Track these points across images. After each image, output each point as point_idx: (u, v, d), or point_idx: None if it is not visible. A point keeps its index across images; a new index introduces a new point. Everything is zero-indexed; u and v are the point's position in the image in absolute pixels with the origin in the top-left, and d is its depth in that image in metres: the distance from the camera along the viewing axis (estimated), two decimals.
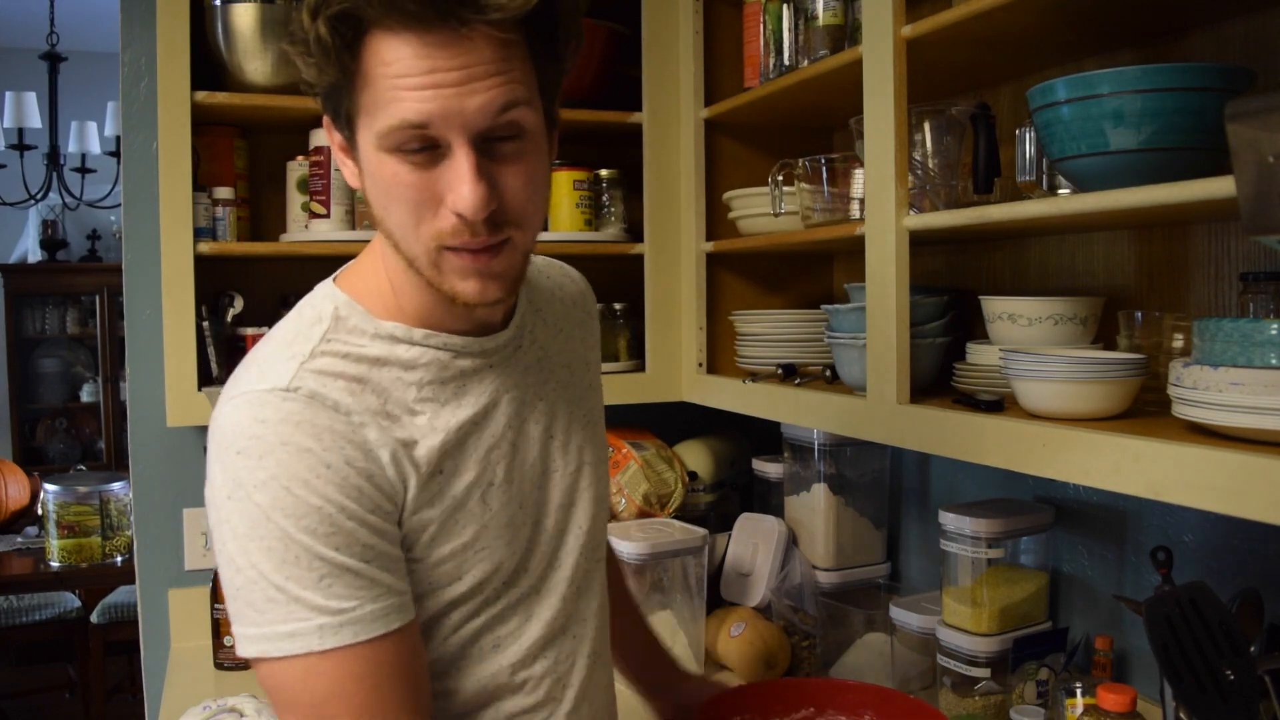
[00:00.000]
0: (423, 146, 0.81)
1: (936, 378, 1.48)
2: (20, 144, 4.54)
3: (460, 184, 0.81)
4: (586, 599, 1.06)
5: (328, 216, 1.84)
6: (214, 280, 1.87)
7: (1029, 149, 1.31)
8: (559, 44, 0.87)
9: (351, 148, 0.87)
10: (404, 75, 0.79)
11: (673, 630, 1.79)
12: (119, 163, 2.23)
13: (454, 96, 0.79)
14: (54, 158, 4.64)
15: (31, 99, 4.63)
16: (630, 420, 2.14)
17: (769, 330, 1.78)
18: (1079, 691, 1.29)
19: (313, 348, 0.89)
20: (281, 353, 0.89)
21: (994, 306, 1.38)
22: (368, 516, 0.85)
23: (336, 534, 0.83)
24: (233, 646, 1.60)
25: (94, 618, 3.78)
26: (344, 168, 0.90)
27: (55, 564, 3.58)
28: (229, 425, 0.85)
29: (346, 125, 0.86)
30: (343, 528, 0.83)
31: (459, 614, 0.95)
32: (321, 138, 1.83)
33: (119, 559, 3.63)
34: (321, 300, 0.93)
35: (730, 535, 1.99)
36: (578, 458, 1.04)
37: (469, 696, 0.97)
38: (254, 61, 1.77)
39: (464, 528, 0.93)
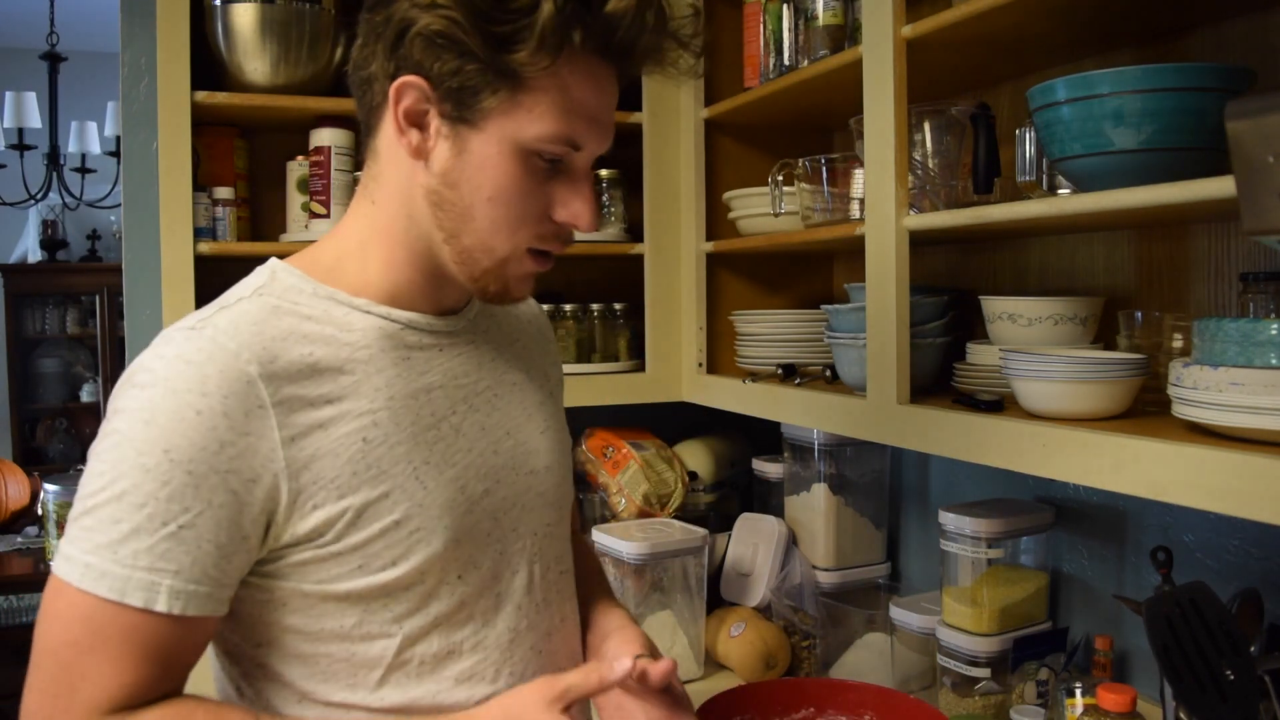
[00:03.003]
0: (557, 160, 0.88)
1: (936, 378, 1.48)
2: (20, 144, 4.54)
3: (581, 202, 0.90)
4: (549, 611, 1.02)
5: (328, 216, 1.84)
6: (214, 280, 1.87)
7: (1029, 149, 1.31)
8: None
9: (459, 124, 0.85)
10: (585, 98, 0.86)
11: (673, 630, 1.79)
12: (119, 163, 2.22)
13: (605, 129, 0.90)
14: (54, 158, 4.64)
15: (31, 99, 4.62)
16: (630, 420, 2.13)
17: (769, 330, 1.79)
18: (1079, 691, 1.29)
19: (241, 296, 0.89)
20: (212, 304, 0.90)
21: (994, 306, 1.38)
22: (212, 476, 0.80)
23: (167, 486, 0.79)
24: None
25: None
26: (409, 132, 0.87)
27: None
28: (135, 361, 0.85)
29: (470, 106, 0.84)
30: (176, 483, 0.79)
31: (403, 606, 0.90)
32: (322, 138, 1.83)
33: None
34: (260, 268, 0.94)
35: (730, 535, 1.99)
36: (531, 461, 1.02)
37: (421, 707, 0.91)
38: (254, 61, 1.77)
39: (395, 504, 0.88)
